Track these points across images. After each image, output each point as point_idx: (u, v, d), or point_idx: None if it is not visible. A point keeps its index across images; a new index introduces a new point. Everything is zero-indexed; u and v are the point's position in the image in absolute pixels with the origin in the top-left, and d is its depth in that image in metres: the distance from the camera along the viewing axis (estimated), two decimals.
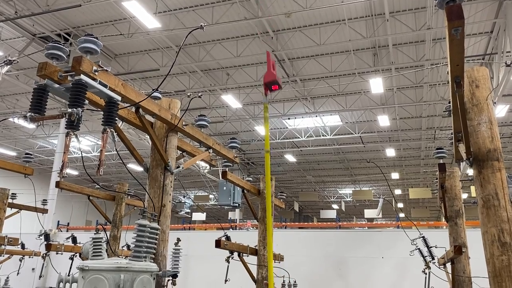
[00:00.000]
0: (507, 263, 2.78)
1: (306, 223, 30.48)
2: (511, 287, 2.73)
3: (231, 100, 16.93)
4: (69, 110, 2.79)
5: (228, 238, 6.02)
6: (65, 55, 3.11)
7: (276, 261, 6.71)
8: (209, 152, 5.06)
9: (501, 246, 2.84)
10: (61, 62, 3.13)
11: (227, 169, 5.79)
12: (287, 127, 20.50)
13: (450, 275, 5.38)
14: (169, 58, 14.98)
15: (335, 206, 34.45)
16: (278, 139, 21.32)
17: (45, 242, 7.56)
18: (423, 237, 6.02)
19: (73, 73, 2.94)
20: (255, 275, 6.35)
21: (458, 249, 4.86)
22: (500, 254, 2.83)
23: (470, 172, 3.25)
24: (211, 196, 30.42)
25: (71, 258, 7.80)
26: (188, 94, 4.46)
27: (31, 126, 20.07)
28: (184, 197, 29.22)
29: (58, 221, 17.17)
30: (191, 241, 11.48)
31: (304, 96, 17.51)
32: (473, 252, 5.34)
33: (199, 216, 29.08)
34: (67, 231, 15.66)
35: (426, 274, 6.16)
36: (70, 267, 7.36)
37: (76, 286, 3.10)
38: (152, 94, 4.31)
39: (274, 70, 3.17)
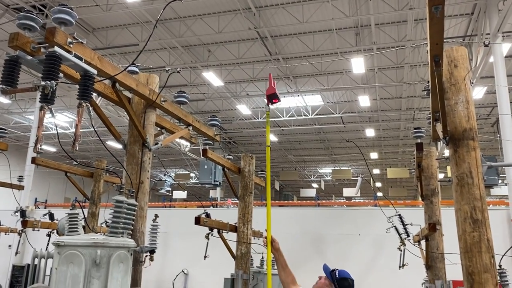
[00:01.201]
0: (478, 239, 2.87)
1: (286, 202, 30.76)
2: (480, 262, 2.82)
3: (212, 78, 16.72)
4: (43, 83, 2.70)
5: (208, 215, 6.04)
6: (38, 26, 2.99)
7: (255, 237, 6.79)
8: (189, 130, 5.00)
9: (473, 223, 2.91)
10: (35, 34, 3.01)
11: (207, 147, 5.76)
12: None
13: (424, 251, 5.54)
14: (149, 33, 14.63)
15: (315, 185, 34.87)
16: (260, 118, 21.28)
17: (21, 219, 7.46)
18: (399, 215, 6.14)
19: (47, 44, 2.83)
20: (234, 251, 6.41)
21: (433, 227, 4.99)
22: (471, 230, 2.91)
23: (447, 152, 3.30)
24: (192, 174, 30.36)
25: (48, 235, 7.72)
26: (167, 69, 4.38)
27: (5, 100, 19.51)
28: (164, 175, 29.10)
29: (36, 198, 16.94)
30: (171, 219, 11.49)
31: (286, 75, 17.43)
32: (447, 230, 5.49)
33: (180, 194, 29.09)
34: (45, 208, 15.47)
35: (401, 250, 6.32)
36: (47, 244, 7.28)
37: (52, 262, 3.07)
38: (130, 69, 4.21)
39: (275, 86, 3.95)
